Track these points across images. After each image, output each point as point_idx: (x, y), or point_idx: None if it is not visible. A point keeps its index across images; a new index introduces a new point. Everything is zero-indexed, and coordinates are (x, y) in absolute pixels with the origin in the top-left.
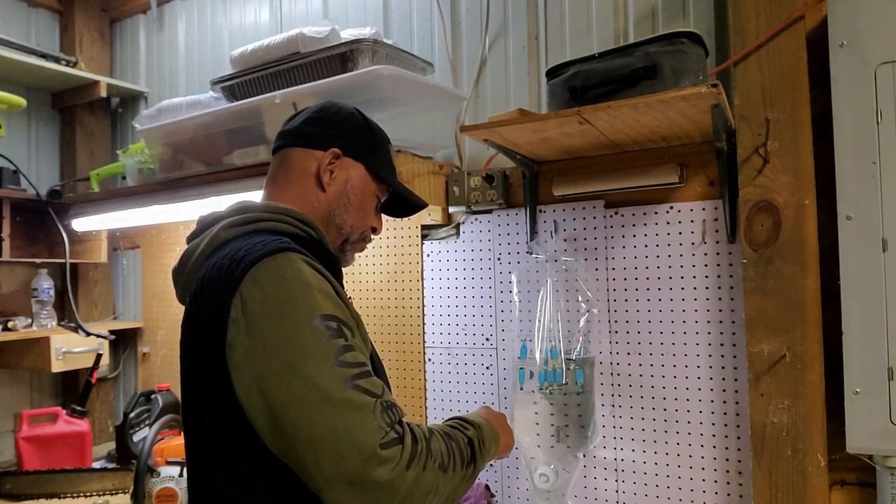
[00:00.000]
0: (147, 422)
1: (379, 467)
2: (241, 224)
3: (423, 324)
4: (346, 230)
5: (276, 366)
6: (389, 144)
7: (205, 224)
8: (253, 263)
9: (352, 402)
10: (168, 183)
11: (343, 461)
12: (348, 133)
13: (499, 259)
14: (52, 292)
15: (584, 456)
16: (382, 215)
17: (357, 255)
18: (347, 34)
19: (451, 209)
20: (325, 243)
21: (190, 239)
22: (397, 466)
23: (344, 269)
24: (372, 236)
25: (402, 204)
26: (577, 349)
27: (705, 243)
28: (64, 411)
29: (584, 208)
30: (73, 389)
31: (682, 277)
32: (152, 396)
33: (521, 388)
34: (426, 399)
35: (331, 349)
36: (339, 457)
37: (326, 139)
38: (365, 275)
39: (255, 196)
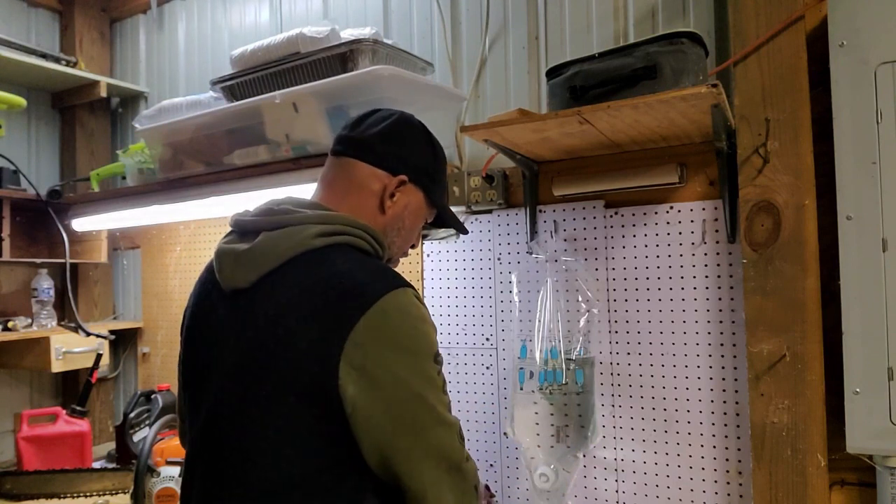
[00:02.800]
0: (147, 422)
1: (467, 464)
2: (328, 234)
3: None
4: (393, 251)
5: (404, 395)
6: (446, 165)
7: (279, 221)
8: (382, 293)
9: (450, 424)
10: (168, 183)
11: (440, 462)
12: (417, 159)
13: (499, 259)
14: (52, 292)
15: (584, 456)
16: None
17: None
18: (347, 34)
19: (451, 209)
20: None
21: (243, 227)
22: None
23: None
24: (409, 251)
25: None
26: (577, 349)
27: (705, 243)
28: (64, 411)
29: (584, 208)
30: (73, 389)
31: (682, 277)
32: (152, 396)
33: (521, 388)
34: None
35: (440, 382)
36: (438, 464)
37: (396, 162)
38: None
39: (257, 196)
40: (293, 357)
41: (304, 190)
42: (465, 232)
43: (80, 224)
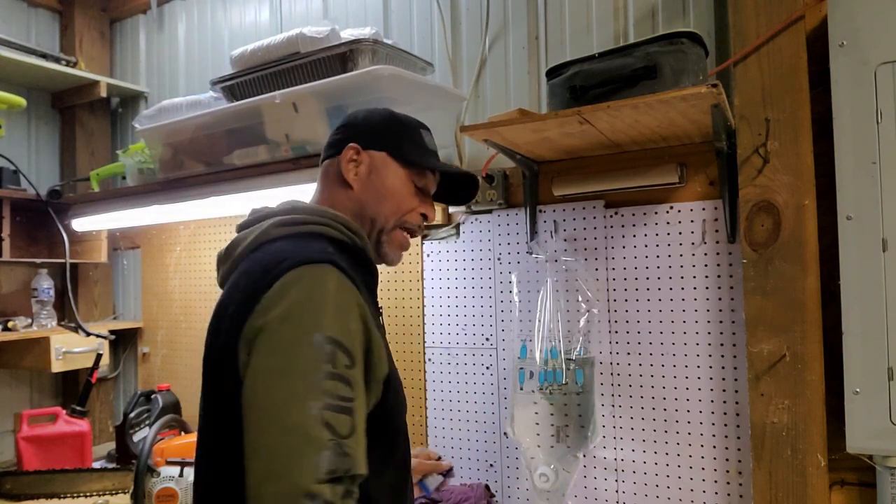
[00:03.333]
0: (147, 422)
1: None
2: (290, 224)
3: (423, 324)
4: (380, 221)
5: (264, 364)
6: (424, 129)
7: (256, 217)
8: (292, 266)
9: (299, 429)
10: (168, 183)
11: (270, 480)
12: (367, 127)
13: (499, 259)
14: (52, 292)
15: (584, 456)
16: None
17: (402, 252)
18: (347, 34)
19: (451, 209)
20: (368, 252)
21: (240, 228)
22: None
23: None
24: (423, 223)
25: (455, 186)
26: (577, 349)
27: (705, 243)
28: (64, 411)
29: (584, 208)
30: (73, 389)
31: (682, 277)
32: (152, 396)
33: (521, 388)
34: (426, 399)
35: (314, 370)
36: (271, 473)
37: (345, 141)
38: None
39: (257, 196)
40: (227, 345)
41: (304, 190)
42: (472, 176)
43: (80, 224)
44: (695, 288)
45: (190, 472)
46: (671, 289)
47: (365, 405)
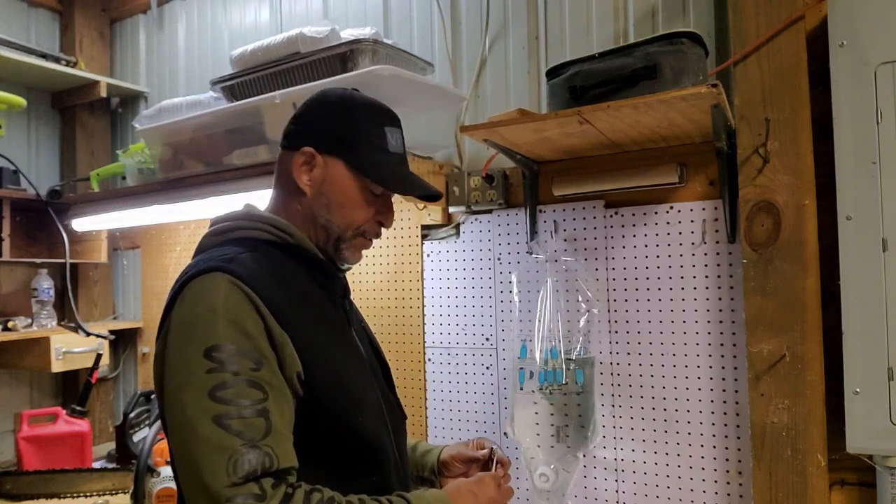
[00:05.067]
0: (147, 422)
1: None
2: (219, 233)
3: (423, 324)
4: (335, 230)
5: (169, 385)
6: (389, 126)
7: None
8: (187, 280)
9: (210, 440)
10: (168, 183)
11: (198, 496)
12: (324, 126)
13: (499, 259)
14: (52, 292)
15: (584, 456)
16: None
17: (363, 252)
18: (347, 34)
19: (451, 209)
20: (306, 246)
21: None
22: None
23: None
24: (381, 230)
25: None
26: (577, 349)
27: (705, 243)
28: (64, 411)
29: (584, 208)
30: (73, 389)
31: (682, 277)
32: (152, 396)
33: (521, 388)
34: (426, 399)
35: (209, 382)
36: (197, 489)
37: (300, 137)
38: (365, 275)
39: (257, 196)
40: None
41: None
42: (433, 190)
43: (80, 224)
44: (695, 288)
45: None
46: (671, 289)
47: (287, 400)
